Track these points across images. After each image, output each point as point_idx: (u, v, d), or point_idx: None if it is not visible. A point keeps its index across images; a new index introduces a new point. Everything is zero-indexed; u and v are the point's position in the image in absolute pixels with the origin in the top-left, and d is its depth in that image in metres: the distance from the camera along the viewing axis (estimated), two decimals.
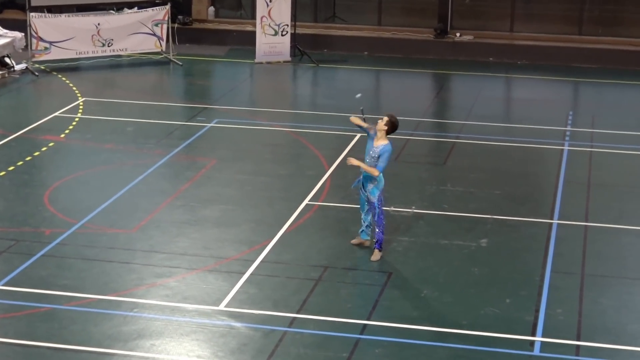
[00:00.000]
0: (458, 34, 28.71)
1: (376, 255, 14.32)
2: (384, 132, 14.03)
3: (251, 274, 13.74)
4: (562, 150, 19.48)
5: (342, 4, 30.08)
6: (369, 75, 26.66)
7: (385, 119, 14.07)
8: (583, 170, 18.32)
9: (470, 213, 16.16)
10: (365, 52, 28.49)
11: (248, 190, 17.08)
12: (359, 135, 19.87)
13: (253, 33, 27.33)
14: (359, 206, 15.82)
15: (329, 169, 18.11)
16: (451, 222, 15.78)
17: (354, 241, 14.77)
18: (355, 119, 14.43)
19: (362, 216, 14.56)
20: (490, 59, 27.87)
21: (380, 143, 13.99)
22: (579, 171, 18.27)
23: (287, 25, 27.12)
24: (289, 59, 27.19)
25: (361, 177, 14.33)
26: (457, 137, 20.22)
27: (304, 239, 15.03)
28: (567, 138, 20.31)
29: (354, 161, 14.08)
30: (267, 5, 26.86)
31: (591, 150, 19.50)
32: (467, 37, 28.60)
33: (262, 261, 14.17)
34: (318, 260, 14.28)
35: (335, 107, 22.41)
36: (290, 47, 27.25)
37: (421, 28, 29.02)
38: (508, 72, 26.53)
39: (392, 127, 14.03)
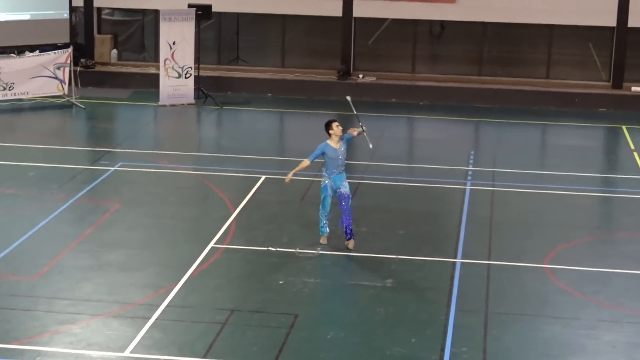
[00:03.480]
0: (361, 75, 29.03)
1: (352, 242, 16.31)
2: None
3: (157, 319, 13.62)
4: (465, 189, 19.75)
5: (246, 46, 30.21)
6: (273, 116, 26.77)
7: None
8: (485, 209, 18.60)
9: (375, 253, 16.27)
10: (269, 94, 28.63)
11: (153, 234, 16.97)
12: (264, 177, 19.95)
13: (156, 76, 27.29)
14: (265, 248, 15.94)
15: (234, 211, 18.09)
16: (357, 263, 15.87)
17: (323, 240, 16.40)
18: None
19: (326, 215, 16.26)
20: (393, 99, 28.22)
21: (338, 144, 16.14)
22: (481, 210, 18.54)
23: (191, 67, 27.15)
24: (193, 101, 27.19)
25: (330, 182, 16.09)
26: (362, 178, 20.38)
27: (210, 282, 14.98)
28: (469, 177, 20.62)
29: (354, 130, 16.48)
30: (171, 47, 26.86)
31: (493, 189, 19.82)
32: (370, 79, 28.93)
33: (167, 305, 14.07)
34: (224, 303, 14.23)
35: (240, 149, 22.45)
36: (194, 89, 27.26)
37: (324, 70, 29.32)
38: (410, 112, 26.86)
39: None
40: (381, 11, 29.04)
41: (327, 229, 16.43)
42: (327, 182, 16.17)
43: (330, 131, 16.08)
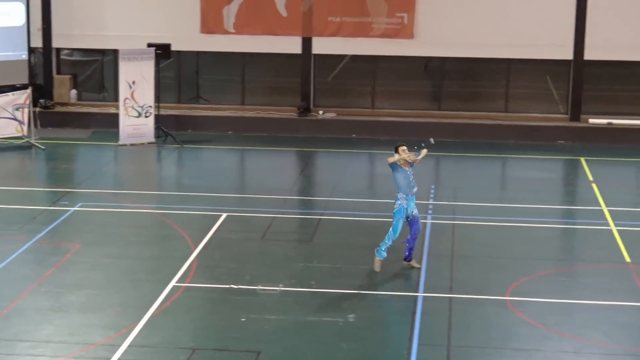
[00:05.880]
0: (321, 112, 29.13)
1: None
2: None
3: (118, 359, 13.53)
4: (425, 223, 19.79)
5: (206, 84, 30.25)
6: (234, 154, 26.77)
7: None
8: (446, 243, 18.65)
9: (337, 289, 16.26)
10: (230, 132, 28.64)
11: (113, 274, 16.88)
12: (224, 214, 19.90)
13: (116, 115, 27.25)
14: (227, 286, 15.90)
15: (195, 249, 18.04)
16: (319, 299, 15.85)
17: (379, 265, 16.85)
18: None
19: (393, 240, 16.78)
20: (353, 135, 28.31)
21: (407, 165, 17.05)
22: (442, 244, 18.59)
23: (151, 106, 27.13)
24: (154, 140, 27.16)
25: (406, 204, 16.74)
26: (323, 214, 20.39)
27: (172, 321, 14.89)
28: (429, 211, 20.69)
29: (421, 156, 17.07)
30: (130, 87, 26.84)
31: (453, 223, 19.89)
32: (330, 115, 29.03)
33: (129, 345, 13.96)
34: (186, 342, 14.15)
35: (201, 187, 22.42)
36: (154, 128, 27.23)
37: (284, 107, 29.40)
38: (371, 147, 26.95)
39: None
40: (340, 48, 29.19)
41: (386, 254, 16.86)
42: (403, 204, 16.80)
43: (396, 154, 17.02)
